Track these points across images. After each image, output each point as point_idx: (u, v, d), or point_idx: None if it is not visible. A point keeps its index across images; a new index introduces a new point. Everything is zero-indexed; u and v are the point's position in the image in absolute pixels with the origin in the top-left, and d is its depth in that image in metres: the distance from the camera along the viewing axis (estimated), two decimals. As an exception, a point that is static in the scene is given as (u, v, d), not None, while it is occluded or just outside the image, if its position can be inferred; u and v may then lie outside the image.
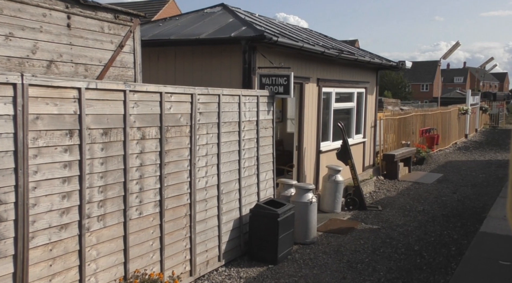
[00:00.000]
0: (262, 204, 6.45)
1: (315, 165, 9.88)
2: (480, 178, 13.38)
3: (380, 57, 12.55)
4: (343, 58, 9.73)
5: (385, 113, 14.38)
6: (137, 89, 4.52)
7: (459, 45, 21.54)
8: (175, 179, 5.15)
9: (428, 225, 8.53)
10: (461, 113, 23.09)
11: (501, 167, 15.30)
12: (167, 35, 7.69)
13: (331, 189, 9.33)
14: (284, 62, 8.40)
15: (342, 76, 10.89)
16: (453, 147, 20.86)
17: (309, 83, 9.36)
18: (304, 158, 9.42)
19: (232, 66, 7.51)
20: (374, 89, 12.99)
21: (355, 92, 11.72)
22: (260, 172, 6.98)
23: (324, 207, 9.41)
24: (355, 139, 11.87)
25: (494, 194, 11.01)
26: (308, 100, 9.44)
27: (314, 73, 9.57)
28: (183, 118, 5.26)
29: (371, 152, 13.04)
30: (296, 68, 8.82)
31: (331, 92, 10.47)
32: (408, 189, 11.75)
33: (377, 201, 10.47)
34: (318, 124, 9.89)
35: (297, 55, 8.68)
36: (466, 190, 11.71)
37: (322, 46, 9.05)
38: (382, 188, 11.89)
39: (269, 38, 6.86)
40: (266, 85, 7.40)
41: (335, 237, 7.70)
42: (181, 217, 5.25)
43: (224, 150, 6.06)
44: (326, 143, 10.32)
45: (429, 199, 10.69)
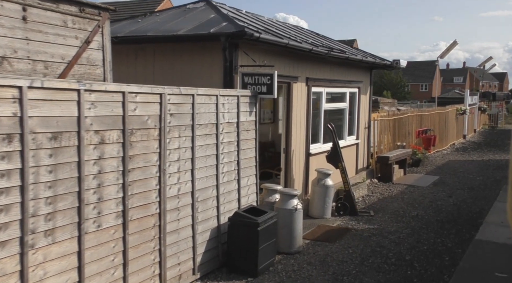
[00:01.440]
0: (241, 212, 6.02)
1: (304, 168, 9.45)
2: (477, 180, 12.96)
3: (374, 56, 12.13)
4: (333, 56, 9.31)
5: (380, 114, 13.96)
6: (94, 89, 4.09)
7: (457, 44, 21.15)
8: (142, 187, 4.72)
9: (422, 232, 8.10)
10: (459, 114, 22.68)
11: (499, 168, 14.88)
12: (144, 32, 7.26)
13: (320, 194, 8.91)
14: (270, 61, 7.97)
15: (333, 76, 10.46)
16: (451, 148, 20.45)
17: (297, 82, 8.93)
18: (292, 161, 9.00)
19: (213, 64, 7.08)
20: (368, 89, 12.56)
21: (347, 92, 11.30)
22: (241, 177, 6.55)
23: (313, 212, 8.98)
24: (347, 141, 11.45)
25: (491, 198, 10.59)
26: (297, 100, 9.01)
27: (302, 72, 9.14)
28: (150, 120, 4.83)
29: (365, 154, 12.61)
30: (283, 67, 8.40)
31: (321, 92, 10.04)
32: (403, 193, 11.33)
33: (369, 206, 10.05)
34: (308, 125, 9.47)
35: (283, 53, 8.25)
36: (463, 193, 11.29)
37: (310, 44, 8.63)
38: (375, 191, 11.47)
39: (250, 34, 6.43)
40: (249, 85, 6.98)
41: (322, 246, 7.27)
42: (148, 228, 4.82)
43: (199, 154, 5.63)
44: (316, 145, 9.90)
45: (424, 203, 10.26)
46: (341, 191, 9.72)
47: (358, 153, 12.08)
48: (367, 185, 11.98)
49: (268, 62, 7.91)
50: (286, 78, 8.54)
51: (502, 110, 37.28)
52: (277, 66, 8.22)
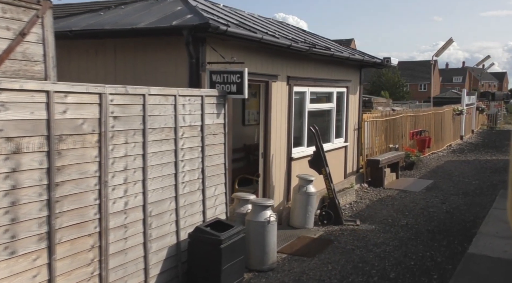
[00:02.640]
0: (203, 227, 5.35)
1: (286, 174, 8.79)
2: (473, 185, 12.30)
3: (363, 53, 11.48)
4: (316, 53, 8.64)
5: (371, 115, 13.29)
6: (5, 87, 3.42)
7: (452, 42, 20.48)
8: (75, 203, 4.05)
9: (410, 244, 7.44)
10: (456, 114, 22.02)
11: (497, 172, 14.23)
12: (102, 25, 6.59)
13: (301, 202, 8.24)
14: (245, 58, 7.30)
15: (318, 74, 9.80)
16: (447, 149, 19.80)
17: (277, 81, 8.27)
18: (272, 167, 8.33)
19: (179, 62, 6.40)
20: (357, 88, 11.90)
21: (334, 92, 10.63)
22: (207, 186, 5.88)
23: (295, 222, 8.32)
24: (335, 144, 10.79)
25: (487, 204, 9.93)
26: (276, 100, 8.35)
27: (283, 71, 8.48)
28: (87, 124, 4.16)
29: (354, 157, 11.95)
30: (260, 65, 7.74)
31: (305, 92, 9.38)
32: (393, 199, 10.66)
33: (356, 213, 9.38)
34: (289, 128, 8.80)
35: (260, 49, 7.59)
36: (457, 199, 10.62)
37: (289, 39, 7.96)
38: (364, 197, 10.81)
39: (216, 27, 5.75)
40: (217, 84, 6.31)
41: (300, 261, 6.60)
42: (85, 250, 4.15)
43: (153, 162, 4.96)
44: (299, 149, 9.23)
45: (415, 211, 9.60)
46: (326, 198, 9.06)
47: (347, 156, 11.42)
48: (356, 190, 11.32)
49: (243, 59, 7.24)
50: (264, 76, 7.88)
51: (501, 110, 36.63)
52: (253, 63, 7.57)
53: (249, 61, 7.41)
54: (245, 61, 7.30)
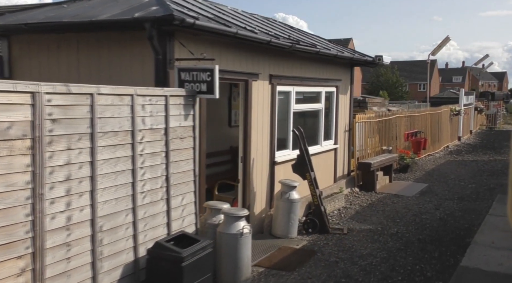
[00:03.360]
0: (163, 243, 4.79)
1: (268, 179, 8.23)
2: (469, 188, 11.75)
3: (353, 51, 10.93)
4: (300, 50, 8.08)
5: (365, 115, 12.73)
6: None
7: (449, 40, 19.96)
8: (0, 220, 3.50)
9: (399, 256, 6.89)
10: (453, 114, 21.47)
11: (494, 175, 13.67)
12: (60, 18, 6.03)
13: (284, 210, 7.69)
14: (220, 54, 6.76)
15: (305, 73, 9.24)
16: (444, 150, 19.25)
17: (257, 80, 7.71)
18: (253, 171, 7.78)
19: (145, 58, 5.84)
20: (348, 88, 11.34)
21: (322, 92, 10.08)
22: (172, 195, 5.32)
23: (277, 231, 7.76)
24: (324, 146, 10.23)
25: (483, 210, 9.39)
26: (257, 101, 7.79)
27: (265, 69, 7.93)
28: (15, 128, 3.60)
29: (345, 160, 11.39)
30: (238, 62, 7.19)
31: (289, 92, 8.82)
32: (385, 204, 10.11)
33: (345, 220, 8.83)
34: (272, 130, 8.25)
35: (238, 46, 7.04)
36: (451, 205, 10.07)
37: (270, 35, 7.40)
38: (354, 202, 10.25)
39: (181, 19, 5.19)
40: (187, 82, 5.76)
41: (278, 276, 6.05)
42: (13, 275, 3.59)
43: (105, 171, 4.41)
44: (284, 152, 8.67)
45: (407, 217, 9.05)
46: (312, 204, 8.51)
47: (336, 159, 10.87)
48: (346, 195, 10.77)
49: (218, 56, 6.69)
50: (243, 75, 7.33)
51: (501, 110, 36.08)
52: (230, 61, 7.02)
53: (225, 59, 6.88)
54: (221, 58, 6.76)
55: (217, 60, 6.68)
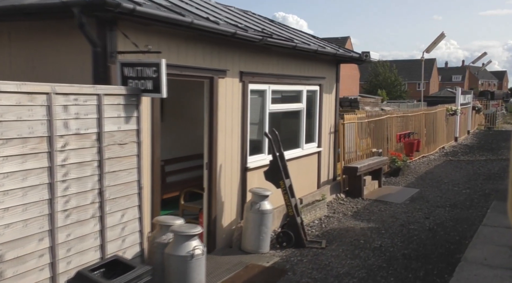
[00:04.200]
0: (86, 273, 4.02)
1: (239, 187, 7.47)
2: (463, 194, 10.98)
3: (338, 47, 10.16)
4: (274, 44, 7.31)
5: (351, 116, 11.97)
6: None
7: (444, 36, 19.18)
8: None
9: (379, 275, 6.12)
10: (449, 114, 20.69)
11: (490, 179, 12.90)
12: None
13: (254, 222, 6.92)
14: (179, 48, 6.00)
15: (283, 70, 8.48)
16: (440, 152, 18.48)
17: (225, 78, 6.95)
18: (220, 179, 7.02)
19: (83, 50, 5.08)
20: (333, 86, 10.58)
21: (304, 91, 9.31)
22: (108, 212, 4.55)
23: (246, 245, 7.00)
24: (305, 149, 9.47)
25: (476, 220, 8.63)
26: (225, 100, 7.03)
27: (234, 65, 7.16)
28: None
29: (330, 164, 10.63)
30: (200, 57, 6.43)
31: (265, 91, 8.06)
32: (371, 213, 9.34)
33: (324, 232, 8.06)
34: (244, 132, 7.49)
35: (200, 39, 6.27)
36: (443, 213, 9.30)
37: (237, 27, 6.63)
38: (338, 210, 9.48)
39: (115, 4, 4.40)
40: (131, 79, 4.99)
41: (237, 302, 5.29)
42: None
43: (7, 187, 3.64)
44: (258, 157, 7.91)
45: (393, 228, 8.28)
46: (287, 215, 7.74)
47: (320, 163, 10.11)
48: (330, 202, 10.00)
49: (175, 51, 5.95)
50: (207, 71, 6.56)
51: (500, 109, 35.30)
52: (191, 55, 6.26)
53: (184, 53, 6.11)
54: (180, 52, 6.01)
55: (175, 54, 5.94)
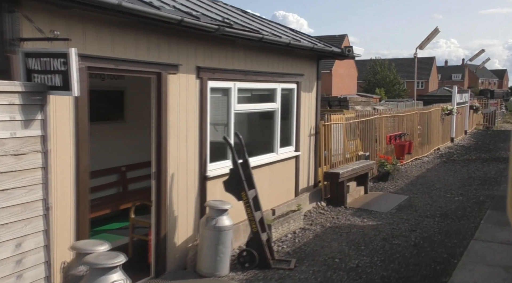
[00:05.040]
0: None
1: (197, 199, 6.55)
2: (455, 202, 10.06)
3: (314, 40, 9.21)
4: (235, 35, 6.38)
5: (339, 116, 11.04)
6: None
7: (438, 32, 18.23)
8: None
9: (351, 306, 5.21)
10: (445, 114, 19.77)
11: (486, 183, 11.97)
12: None
13: (210, 240, 5.99)
14: (115, 39, 5.10)
15: (251, 66, 7.56)
16: (434, 154, 17.57)
17: (177, 73, 6.03)
18: (172, 190, 6.10)
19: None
20: (314, 84, 9.65)
21: (278, 89, 8.39)
22: (-2, 240, 3.63)
23: (202, 267, 6.06)
24: (280, 154, 8.55)
25: (468, 232, 7.71)
26: (178, 99, 6.11)
27: (189, 59, 6.24)
28: None
29: (311, 169, 9.70)
30: (144, 49, 5.51)
31: (229, 89, 7.14)
32: (352, 224, 8.41)
33: (297, 248, 7.14)
34: (202, 136, 6.56)
35: (144, 27, 5.37)
36: (431, 224, 8.37)
37: (187, 13, 5.69)
38: (316, 221, 8.56)
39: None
40: (36, 73, 4.07)
41: None
42: None
43: None
44: (221, 164, 6.98)
45: (374, 243, 7.36)
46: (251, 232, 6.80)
47: (298, 168, 9.18)
48: (309, 212, 9.10)
49: (109, 41, 5.04)
50: (153, 66, 5.64)
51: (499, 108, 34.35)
52: (131, 47, 5.34)
53: (121, 44, 5.20)
54: (114, 43, 5.10)
55: (108, 45, 5.04)
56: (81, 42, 4.66)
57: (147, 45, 5.55)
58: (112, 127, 8.48)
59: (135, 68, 5.41)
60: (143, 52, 5.50)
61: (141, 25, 5.36)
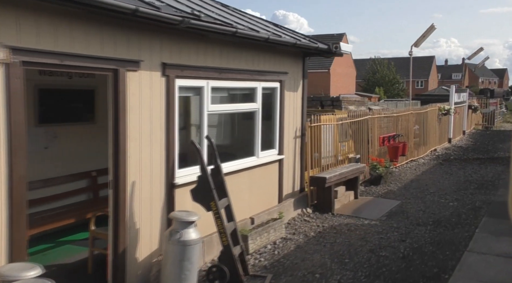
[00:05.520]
0: None
1: (163, 209, 5.96)
2: (449, 208, 9.47)
3: (302, 36, 8.62)
4: (203, 28, 5.78)
5: (329, 117, 10.47)
6: None
7: (434, 29, 17.63)
8: None
9: (326, 333, 4.63)
10: (442, 114, 19.19)
11: (483, 187, 11.39)
12: None
13: (174, 256, 5.39)
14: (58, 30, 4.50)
15: (227, 63, 6.98)
16: (431, 155, 16.99)
17: (138, 70, 5.45)
18: (134, 200, 5.52)
19: None
20: (299, 83, 9.07)
21: (258, 88, 7.80)
22: None
23: (165, 284, 5.49)
24: (261, 158, 7.97)
25: (462, 243, 7.12)
26: (140, 100, 5.53)
27: (153, 55, 5.65)
28: None
29: (296, 173, 9.11)
30: (98, 43, 4.93)
31: (202, 88, 6.55)
32: (338, 233, 7.83)
33: (275, 261, 6.56)
34: (170, 140, 5.98)
35: (97, 18, 4.79)
36: (423, 233, 7.78)
37: (147, 4, 5.10)
38: (300, 230, 7.97)
39: None
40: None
41: None
42: None
43: None
44: (193, 170, 6.36)
45: (360, 255, 6.77)
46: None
47: (282, 173, 8.59)
48: (293, 219, 8.52)
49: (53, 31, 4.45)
50: (108, 62, 5.06)
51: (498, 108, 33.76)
52: (80, 40, 4.75)
53: (67, 36, 4.63)
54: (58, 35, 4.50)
55: (51, 38, 4.48)
56: (14, 33, 4.08)
57: (100, 39, 4.96)
58: (81, 129, 7.91)
59: (85, 64, 4.82)
60: (95, 47, 4.92)
61: (93, 16, 4.78)
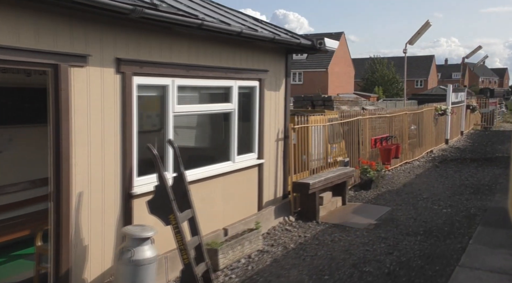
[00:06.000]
0: None
1: (119, 223, 5.32)
2: (442, 215, 8.83)
3: (280, 31, 7.97)
4: (160, 19, 5.13)
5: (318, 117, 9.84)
6: None
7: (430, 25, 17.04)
8: None
9: None
10: (439, 114, 18.56)
11: (479, 192, 10.75)
12: None
13: (126, 277, 4.76)
14: None
15: (197, 59, 6.35)
16: (426, 157, 16.36)
17: (86, 66, 4.81)
18: (81, 213, 4.88)
19: None
20: (282, 82, 8.44)
21: (234, 87, 7.18)
22: None
23: (116, 308, 4.86)
24: (238, 162, 7.35)
25: (453, 256, 6.48)
26: (89, 99, 4.89)
27: (105, 49, 5.01)
28: None
29: (279, 179, 8.48)
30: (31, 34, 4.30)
31: (166, 86, 5.92)
32: (320, 244, 7.19)
33: (247, 279, 5.91)
34: (126, 144, 5.34)
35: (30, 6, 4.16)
36: (412, 244, 7.14)
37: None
38: (279, 241, 7.34)
39: None
40: None
41: None
42: None
43: None
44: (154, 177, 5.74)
45: (341, 270, 6.13)
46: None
47: (262, 178, 7.96)
48: (274, 228, 7.90)
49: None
50: (46, 56, 4.44)
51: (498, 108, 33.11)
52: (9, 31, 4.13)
53: None
54: None
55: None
56: None
57: (35, 30, 4.33)
58: (40, 131, 7.24)
59: (15, 58, 4.18)
60: (29, 39, 4.28)
61: (25, 2, 4.15)
